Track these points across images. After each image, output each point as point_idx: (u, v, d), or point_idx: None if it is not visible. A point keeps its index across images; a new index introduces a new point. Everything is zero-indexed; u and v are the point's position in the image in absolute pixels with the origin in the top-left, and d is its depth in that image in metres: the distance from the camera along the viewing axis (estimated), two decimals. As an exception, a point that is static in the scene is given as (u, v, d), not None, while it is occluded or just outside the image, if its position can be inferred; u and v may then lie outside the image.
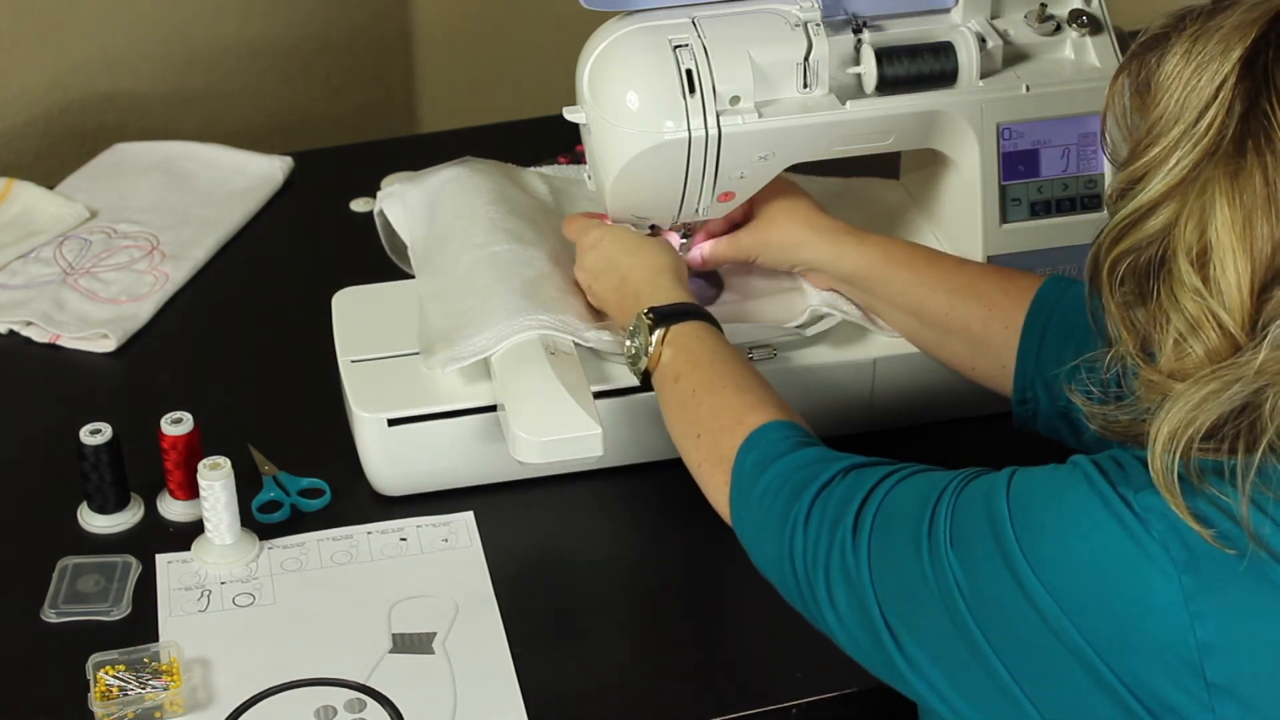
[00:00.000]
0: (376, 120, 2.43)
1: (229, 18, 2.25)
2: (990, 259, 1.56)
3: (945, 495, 1.11)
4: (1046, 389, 1.35)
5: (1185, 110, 1.01)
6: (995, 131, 1.54)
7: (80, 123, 2.16)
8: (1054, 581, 1.03)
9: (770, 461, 1.23)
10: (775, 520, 1.21)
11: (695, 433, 1.31)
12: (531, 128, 2.02)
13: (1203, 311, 1.01)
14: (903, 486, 1.16)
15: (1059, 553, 1.03)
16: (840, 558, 1.15)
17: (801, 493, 1.19)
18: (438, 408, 1.48)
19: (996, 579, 1.06)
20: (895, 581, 1.12)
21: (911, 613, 1.11)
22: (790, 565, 1.19)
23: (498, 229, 1.58)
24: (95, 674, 1.33)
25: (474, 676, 1.35)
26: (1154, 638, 1.01)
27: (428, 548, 1.48)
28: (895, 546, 1.12)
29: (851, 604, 1.15)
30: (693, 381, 1.33)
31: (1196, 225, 1.01)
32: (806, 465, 1.21)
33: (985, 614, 1.07)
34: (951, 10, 1.53)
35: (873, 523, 1.15)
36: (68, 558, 1.46)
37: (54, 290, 1.77)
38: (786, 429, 1.25)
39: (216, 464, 1.43)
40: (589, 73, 1.46)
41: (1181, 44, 1.03)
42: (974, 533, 1.08)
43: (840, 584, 1.15)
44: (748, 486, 1.24)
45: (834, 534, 1.16)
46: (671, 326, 1.37)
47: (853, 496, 1.17)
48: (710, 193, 1.49)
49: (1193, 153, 1.01)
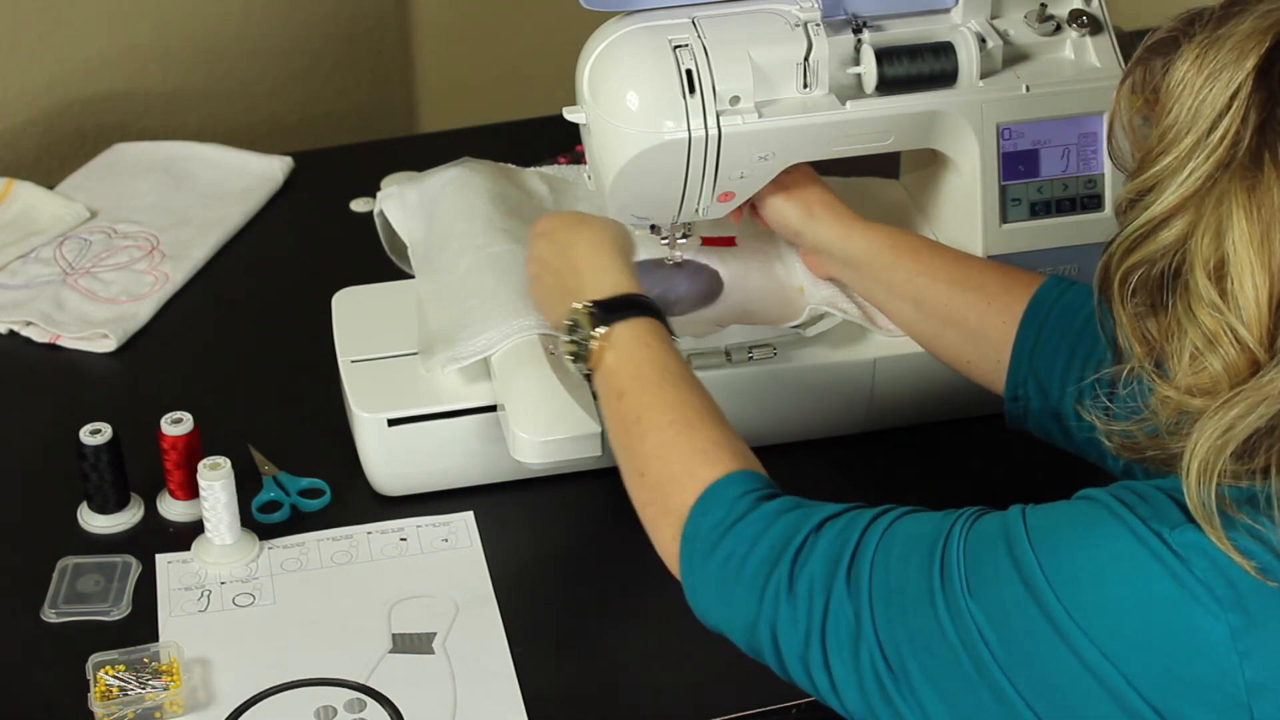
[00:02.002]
0: (376, 120, 2.43)
1: (229, 17, 2.25)
2: (990, 259, 1.56)
3: (952, 540, 1.08)
4: (1039, 388, 1.34)
5: (1198, 119, 1.00)
6: (995, 131, 1.54)
7: (80, 123, 2.16)
8: (1095, 626, 1.00)
9: (732, 524, 1.16)
10: (746, 589, 1.14)
11: (639, 470, 1.23)
12: (531, 128, 2.02)
13: (1220, 326, 0.99)
14: (894, 532, 1.11)
15: (1099, 596, 1.01)
16: (839, 622, 1.10)
17: (779, 559, 1.13)
18: (438, 408, 1.48)
19: (1030, 627, 1.02)
20: (907, 635, 1.08)
21: (928, 667, 1.07)
22: (770, 636, 1.14)
23: (497, 229, 1.58)
24: (95, 674, 1.33)
25: (474, 676, 1.35)
26: (1202, 678, 0.98)
27: (428, 548, 1.48)
28: (903, 599, 1.08)
29: (854, 666, 1.10)
30: (637, 405, 1.25)
31: (1213, 238, 0.99)
32: (774, 524, 1.15)
33: (1016, 663, 1.03)
34: (951, 10, 1.53)
35: (870, 576, 1.10)
36: (68, 558, 1.46)
37: (54, 290, 1.77)
38: (744, 482, 1.18)
39: (216, 464, 1.43)
40: (589, 73, 1.46)
41: (1192, 50, 1.01)
42: (998, 580, 1.04)
43: (844, 648, 1.10)
44: (706, 551, 1.17)
45: (828, 597, 1.11)
46: (615, 325, 1.29)
47: (841, 553, 1.11)
48: (710, 193, 1.49)
49: (1207, 163, 0.99)
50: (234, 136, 2.11)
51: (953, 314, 1.41)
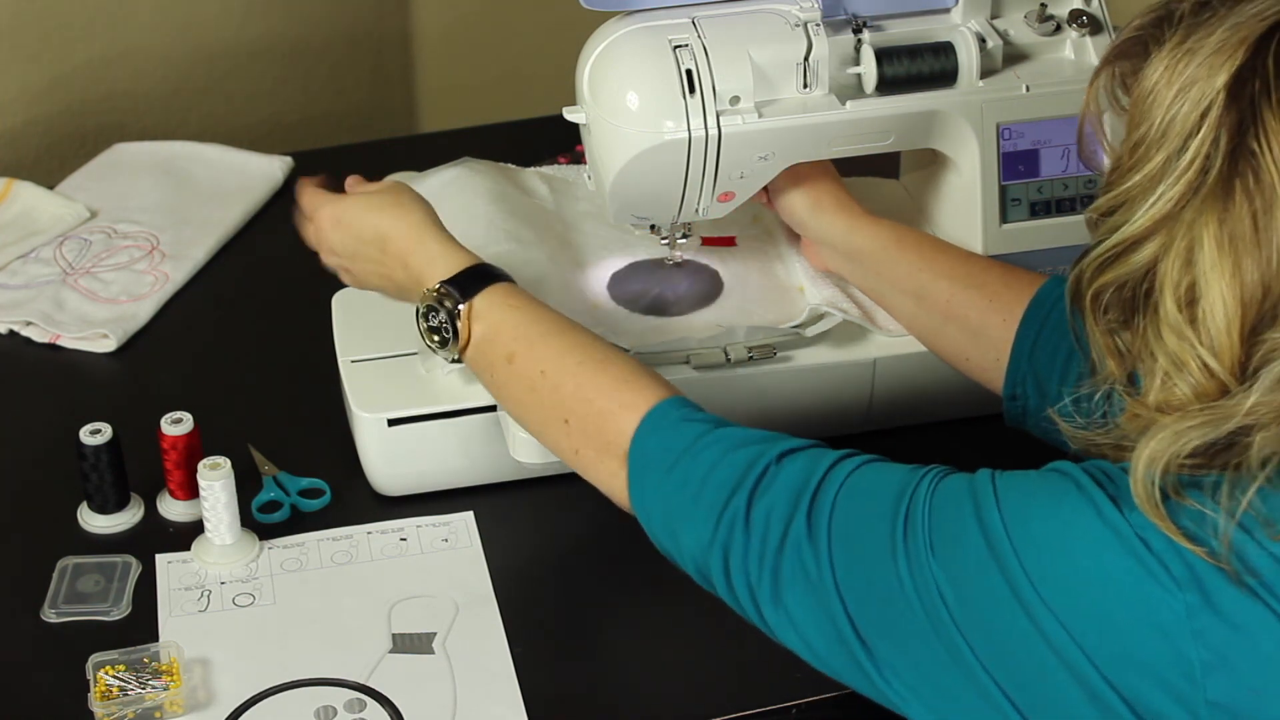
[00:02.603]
0: (376, 120, 2.43)
1: (229, 18, 2.25)
2: (992, 258, 1.56)
3: (918, 495, 1.08)
4: (1038, 387, 1.34)
5: (1168, 136, 0.99)
6: (995, 131, 1.54)
7: (80, 123, 2.16)
8: (1056, 596, 1.01)
9: (686, 447, 1.16)
10: (704, 513, 1.14)
11: (561, 417, 1.23)
12: (531, 128, 2.02)
13: (1188, 354, 0.99)
14: (860, 478, 1.11)
15: (1063, 567, 1.01)
16: (796, 558, 1.10)
17: (739, 486, 1.13)
18: (438, 408, 1.48)
19: (990, 590, 1.03)
20: (865, 585, 1.08)
21: (885, 617, 1.07)
22: (723, 562, 1.14)
23: (497, 229, 1.58)
24: (95, 674, 1.33)
25: (474, 676, 1.35)
26: (1157, 655, 0.99)
27: (428, 548, 1.48)
28: (863, 547, 1.08)
29: (810, 607, 1.10)
30: (536, 360, 1.24)
31: (1183, 264, 0.99)
32: (734, 451, 1.15)
33: (974, 625, 1.04)
34: (951, 10, 1.53)
35: (830, 518, 1.10)
36: (68, 558, 1.46)
37: (54, 290, 1.77)
38: (683, 406, 1.19)
39: (216, 464, 1.43)
40: (589, 73, 1.46)
41: (1161, 59, 1.00)
42: (962, 541, 1.05)
43: (796, 586, 1.11)
44: (658, 473, 1.17)
45: (785, 532, 1.11)
46: (474, 299, 1.28)
47: (803, 489, 1.12)
48: (710, 193, 1.49)
49: (1177, 185, 0.99)
50: (234, 136, 2.11)
51: (954, 311, 1.41)
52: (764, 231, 1.65)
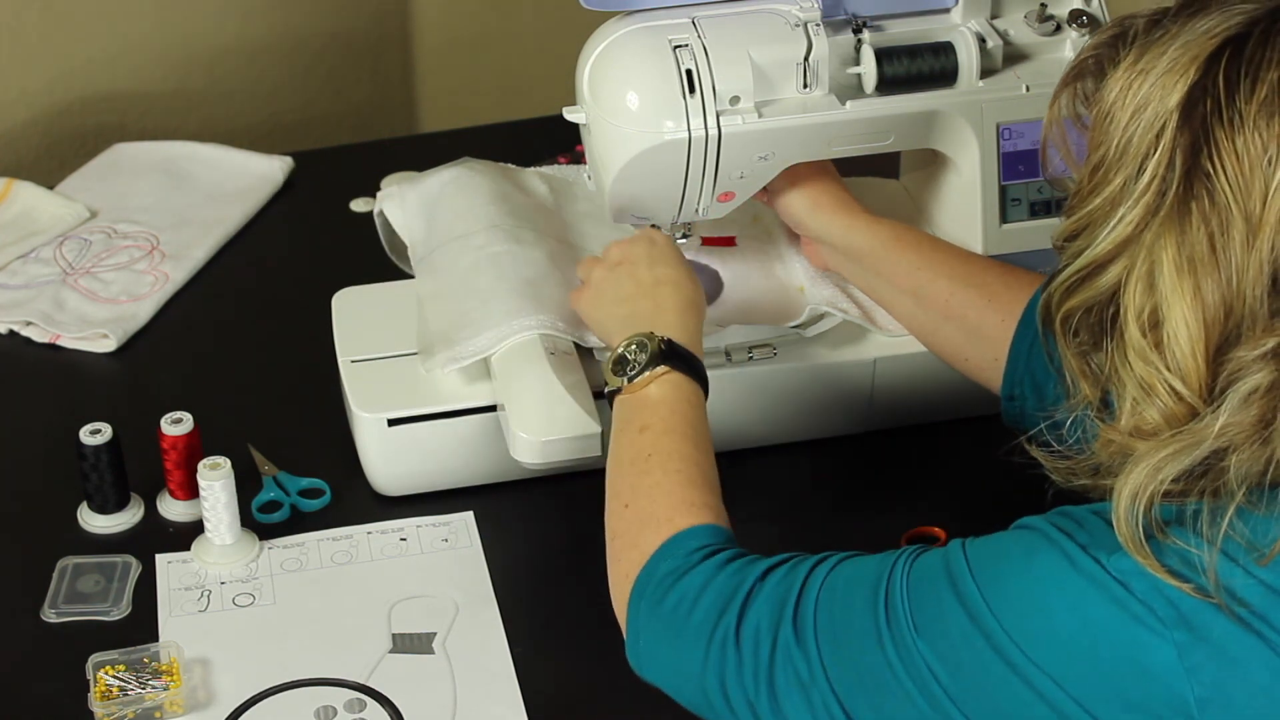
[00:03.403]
0: (376, 120, 2.43)
1: (229, 18, 2.25)
2: (991, 258, 1.56)
3: (894, 578, 1.08)
4: (1035, 389, 1.34)
5: (1125, 158, 1.00)
6: (995, 131, 1.54)
7: (80, 123, 2.16)
8: (1043, 655, 1.01)
9: (684, 572, 1.17)
10: (694, 635, 1.14)
11: (625, 501, 1.24)
12: (531, 128, 2.02)
13: (1155, 379, 0.99)
14: (836, 576, 1.12)
15: (1044, 625, 1.01)
16: (788, 665, 1.10)
17: (727, 607, 1.13)
18: (438, 408, 1.48)
19: (978, 660, 1.03)
20: (857, 677, 1.08)
21: (881, 707, 1.07)
22: (719, 685, 1.13)
23: (497, 229, 1.58)
24: (95, 674, 1.33)
25: (474, 676, 1.35)
26: (1152, 697, 0.99)
27: (428, 548, 1.48)
28: (850, 640, 1.09)
29: (808, 710, 1.10)
30: (655, 445, 1.26)
31: (1146, 287, 0.99)
32: (719, 575, 1.15)
33: (969, 696, 1.04)
34: (951, 10, 1.53)
35: (815, 621, 1.10)
36: (68, 558, 1.46)
37: (54, 290, 1.77)
38: (704, 536, 1.19)
39: (216, 464, 1.43)
40: (589, 73, 1.46)
41: (1118, 79, 1.01)
42: (943, 615, 1.05)
43: (792, 693, 1.10)
44: (655, 598, 1.17)
45: (774, 643, 1.11)
46: (675, 370, 1.30)
47: (785, 599, 1.12)
48: (710, 193, 1.49)
49: (1136, 207, 0.99)
50: (234, 137, 2.11)
51: (952, 310, 1.41)
52: (764, 231, 1.65)
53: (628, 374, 1.30)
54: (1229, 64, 0.97)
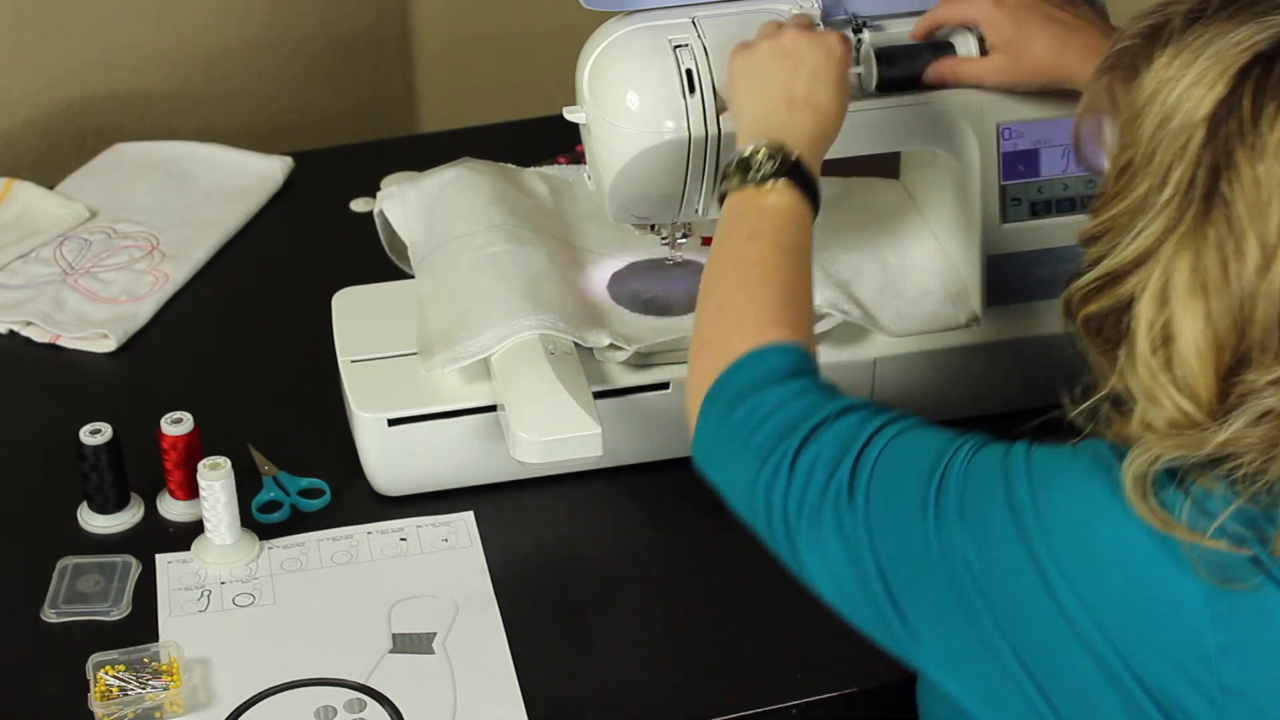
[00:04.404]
0: (376, 120, 2.43)
1: (229, 18, 2.25)
2: (990, 259, 1.56)
3: (956, 461, 1.09)
4: None
5: (1151, 165, 1.00)
6: (995, 131, 1.54)
7: (80, 123, 2.16)
8: (1076, 573, 1.02)
9: (760, 387, 1.18)
10: (755, 450, 1.16)
11: (720, 301, 1.25)
12: (531, 128, 2.02)
13: (1162, 394, 1.00)
14: (904, 440, 1.13)
15: (1084, 545, 1.02)
16: (834, 509, 1.12)
17: (792, 432, 1.15)
18: (438, 408, 1.48)
19: (1012, 562, 1.04)
20: (896, 542, 1.09)
21: (912, 575, 1.09)
22: (764, 501, 1.15)
23: (497, 229, 1.58)
24: (95, 674, 1.33)
25: (474, 676, 1.35)
26: (1174, 636, 1.00)
27: (428, 548, 1.48)
28: (898, 506, 1.10)
29: (843, 557, 1.11)
30: (761, 254, 1.24)
31: (1159, 303, 1.00)
32: (795, 399, 1.17)
33: (995, 594, 1.05)
34: (951, 10, 1.53)
35: (871, 475, 1.11)
36: (68, 558, 1.46)
37: (54, 290, 1.77)
38: (787, 355, 1.20)
39: (216, 464, 1.43)
40: (589, 73, 1.46)
41: (1151, 80, 1.01)
42: (990, 510, 1.06)
43: (832, 535, 1.12)
44: (727, 404, 1.19)
45: (828, 482, 1.12)
46: (799, 187, 1.28)
47: (850, 444, 1.13)
48: (710, 192, 1.49)
49: (1156, 220, 1.00)
50: (234, 137, 2.11)
51: None
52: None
53: (751, 177, 1.29)
54: (1257, 84, 0.97)
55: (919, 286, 1.60)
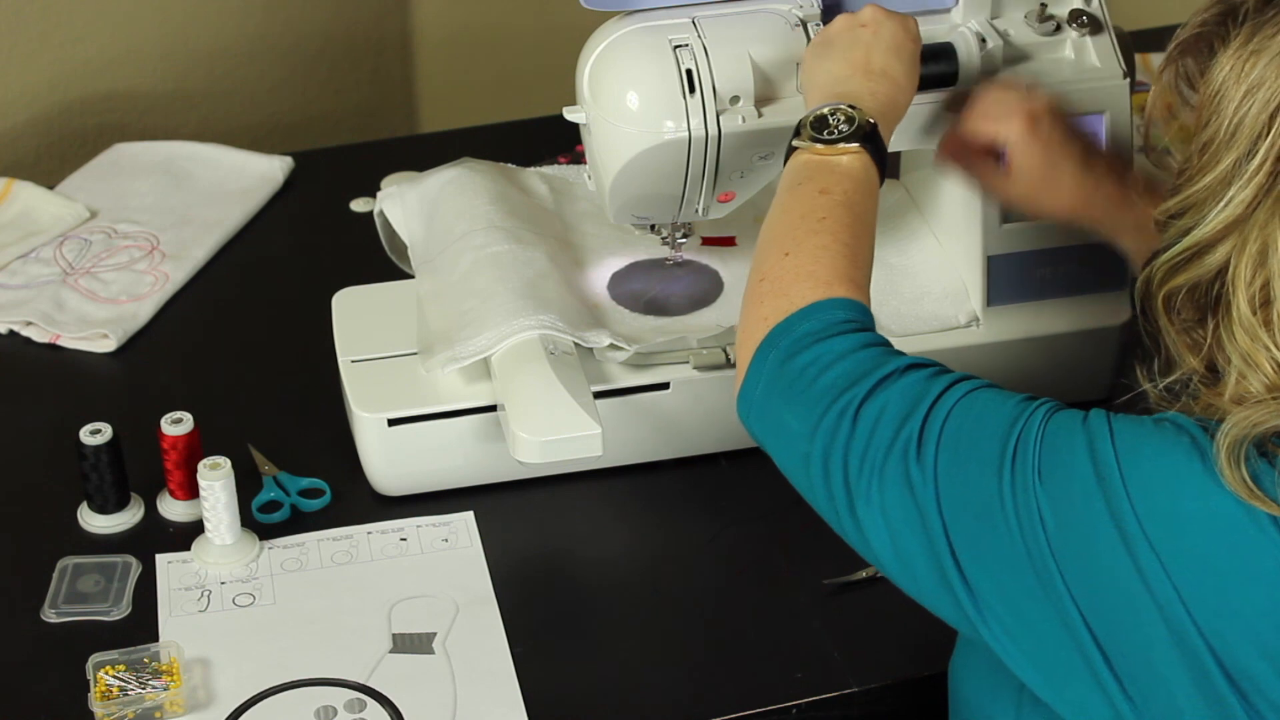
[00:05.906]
0: (376, 120, 2.44)
1: (229, 18, 2.25)
2: (990, 259, 1.56)
3: (1032, 423, 1.08)
4: None
5: (1237, 138, 1.01)
6: (995, 131, 1.53)
7: (80, 123, 2.16)
8: (1158, 533, 1.02)
9: (825, 337, 1.17)
10: (815, 398, 1.14)
11: (785, 250, 1.23)
12: (531, 128, 2.02)
13: (1262, 354, 1.01)
14: (976, 399, 1.12)
15: (1169, 506, 1.02)
16: (902, 462, 1.10)
17: (858, 382, 1.14)
18: (438, 408, 1.48)
19: (1092, 522, 1.03)
20: (965, 501, 1.08)
21: (980, 536, 1.08)
22: (823, 452, 1.14)
23: (497, 229, 1.58)
24: (95, 674, 1.33)
25: (474, 676, 1.35)
26: (1252, 603, 1.00)
27: (428, 548, 1.48)
28: (970, 464, 1.09)
29: (908, 511, 1.10)
30: (831, 210, 1.24)
31: (1256, 265, 1.01)
32: (861, 351, 1.16)
33: (1070, 555, 1.04)
34: (951, 10, 1.53)
35: (941, 431, 1.10)
36: (68, 558, 1.46)
37: (54, 290, 1.77)
38: (851, 309, 1.19)
39: (216, 464, 1.43)
40: (589, 73, 1.46)
41: (1228, 59, 1.02)
42: (1072, 469, 1.05)
43: (896, 489, 1.10)
44: (789, 349, 1.17)
45: (895, 435, 1.11)
46: (871, 153, 1.28)
47: (919, 398, 1.12)
48: (710, 192, 1.49)
49: (1248, 188, 1.01)
50: (234, 136, 2.11)
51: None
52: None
53: (825, 136, 1.28)
54: None
55: (919, 286, 1.60)
